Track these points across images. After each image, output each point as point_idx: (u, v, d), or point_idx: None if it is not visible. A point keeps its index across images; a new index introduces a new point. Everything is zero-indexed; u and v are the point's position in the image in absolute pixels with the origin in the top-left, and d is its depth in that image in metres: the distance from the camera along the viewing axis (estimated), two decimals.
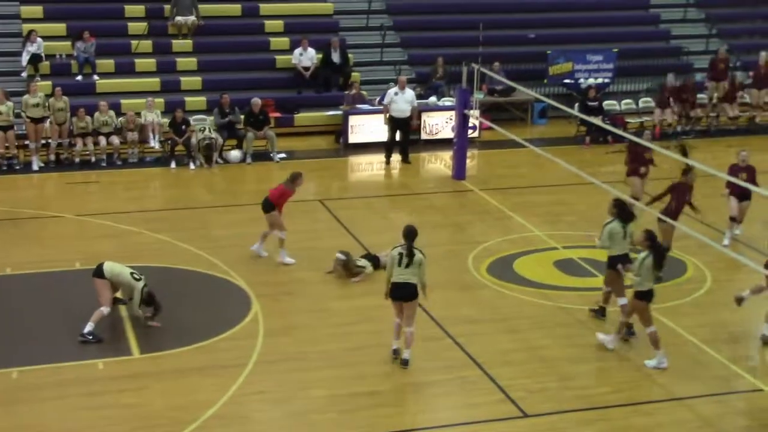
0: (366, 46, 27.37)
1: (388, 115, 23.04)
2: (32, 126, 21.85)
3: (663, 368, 13.42)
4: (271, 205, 16.55)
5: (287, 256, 16.62)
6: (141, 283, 14.17)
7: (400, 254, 12.99)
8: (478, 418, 12.18)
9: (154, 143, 22.72)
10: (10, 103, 21.83)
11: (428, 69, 26.28)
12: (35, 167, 21.81)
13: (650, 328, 13.47)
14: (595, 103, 24.97)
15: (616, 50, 27.33)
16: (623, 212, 14.32)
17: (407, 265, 12.96)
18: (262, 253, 16.81)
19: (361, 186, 22.37)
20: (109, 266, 14.17)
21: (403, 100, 22.93)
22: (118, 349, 13.69)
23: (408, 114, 23.01)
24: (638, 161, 18.58)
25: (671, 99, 25.62)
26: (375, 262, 16.38)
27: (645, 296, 13.35)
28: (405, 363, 13.34)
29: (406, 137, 23.21)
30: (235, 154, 16.83)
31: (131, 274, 14.20)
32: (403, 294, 13.11)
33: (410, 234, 13.11)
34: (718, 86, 26.51)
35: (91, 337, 13.81)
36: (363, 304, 15.27)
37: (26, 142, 22.09)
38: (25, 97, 22.06)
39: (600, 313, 14.86)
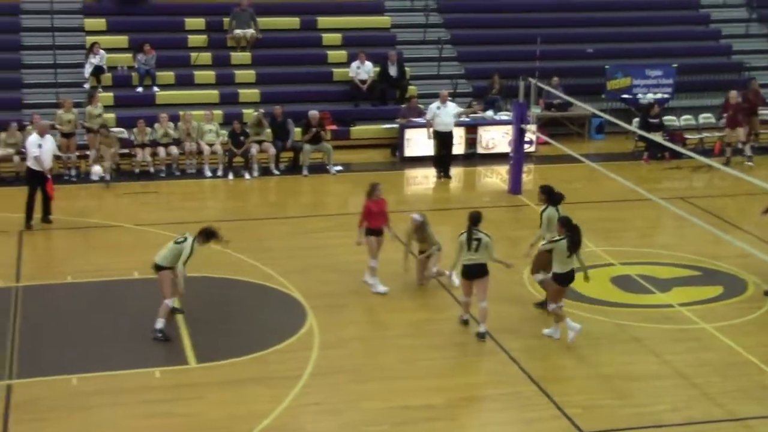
0: (423, 59, 27.47)
1: (431, 130, 23.06)
2: (93, 136, 22.18)
3: (556, 339, 14.40)
4: (367, 230, 16.33)
5: (380, 284, 16.18)
6: (189, 240, 14.30)
7: (468, 239, 14.16)
8: None
9: (209, 172, 22.75)
10: (75, 111, 22.25)
11: (485, 83, 26.28)
12: (95, 177, 22.11)
13: (552, 306, 14.36)
14: (657, 120, 24.70)
15: (675, 65, 27.12)
16: (552, 196, 15.45)
17: (476, 249, 14.16)
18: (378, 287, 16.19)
19: (417, 199, 22.39)
20: (159, 256, 14.37)
21: (446, 113, 22.94)
22: (174, 358, 13.81)
23: (452, 127, 23.05)
24: None
25: (740, 116, 24.55)
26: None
27: (558, 279, 14.23)
28: (482, 336, 14.36)
29: (449, 152, 23.21)
30: (96, 169, 16.76)
31: (174, 242, 14.39)
32: (475, 273, 14.31)
33: (475, 219, 14.39)
34: None
35: (160, 335, 14.11)
36: (418, 317, 15.30)
37: (87, 152, 22.43)
38: (89, 108, 22.43)
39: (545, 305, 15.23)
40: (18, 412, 12.21)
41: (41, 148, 18.83)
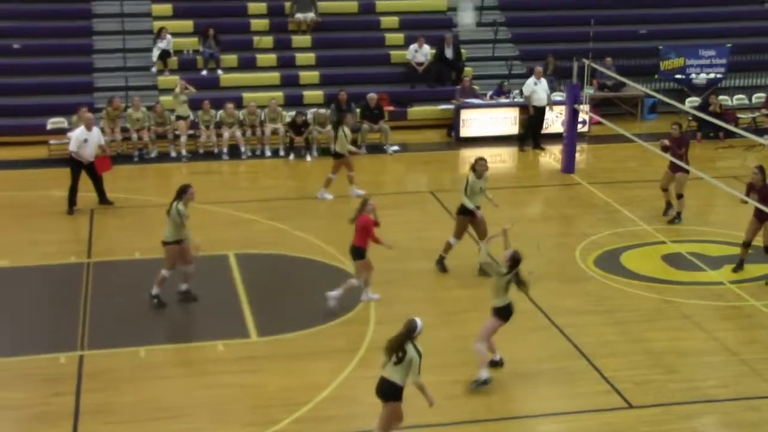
0: (478, 41, 27.66)
1: (532, 106, 23.67)
2: (182, 122, 22.86)
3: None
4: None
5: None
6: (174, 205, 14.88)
7: None
8: (583, 407, 12.30)
9: (269, 152, 23.24)
10: (144, 110, 22.81)
11: (539, 64, 26.42)
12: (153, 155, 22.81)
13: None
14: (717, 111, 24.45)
15: (729, 45, 27.06)
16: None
17: None
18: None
19: None
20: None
21: (541, 89, 23.76)
22: (237, 331, 14.22)
23: (545, 103, 23.81)
24: None
25: None
26: None
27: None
28: None
29: (540, 126, 23.94)
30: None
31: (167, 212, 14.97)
32: None
33: None
34: None
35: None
36: (474, 294, 15.42)
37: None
38: (176, 91, 23.12)
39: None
40: (89, 381, 12.78)
41: (86, 143, 19.01)
